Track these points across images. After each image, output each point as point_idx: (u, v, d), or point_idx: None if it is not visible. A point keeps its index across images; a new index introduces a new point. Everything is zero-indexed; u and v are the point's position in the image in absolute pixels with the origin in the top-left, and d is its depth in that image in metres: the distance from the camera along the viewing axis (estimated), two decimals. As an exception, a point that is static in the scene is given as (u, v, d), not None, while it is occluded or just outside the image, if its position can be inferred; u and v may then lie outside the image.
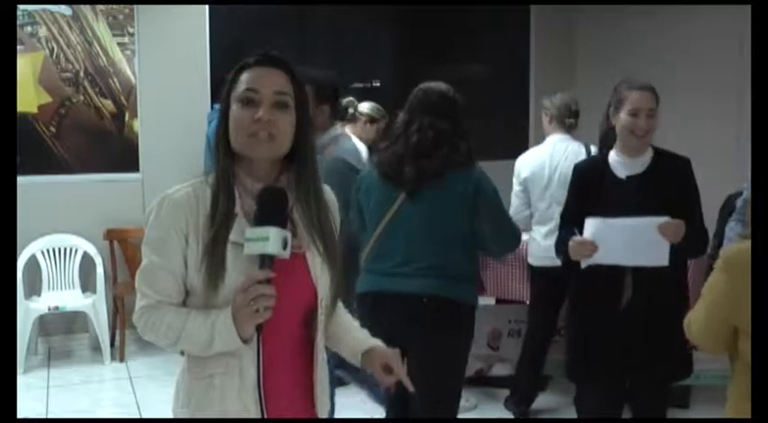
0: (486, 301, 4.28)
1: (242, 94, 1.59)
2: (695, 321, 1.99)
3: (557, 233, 3.16)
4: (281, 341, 1.62)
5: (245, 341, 1.54)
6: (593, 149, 3.77)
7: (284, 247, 1.52)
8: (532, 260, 4.00)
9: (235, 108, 1.60)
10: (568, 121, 3.98)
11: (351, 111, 4.51)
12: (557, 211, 3.58)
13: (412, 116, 2.83)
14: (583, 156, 3.81)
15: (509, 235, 2.83)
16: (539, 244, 3.93)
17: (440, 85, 2.94)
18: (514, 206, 3.98)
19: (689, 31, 5.29)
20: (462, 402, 4.10)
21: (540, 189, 3.90)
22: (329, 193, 1.77)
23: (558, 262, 3.30)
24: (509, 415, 4.12)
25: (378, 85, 6.18)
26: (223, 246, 1.56)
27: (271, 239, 1.50)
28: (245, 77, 1.61)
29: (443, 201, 2.72)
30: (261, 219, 1.54)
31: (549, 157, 3.90)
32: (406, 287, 2.71)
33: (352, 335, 1.81)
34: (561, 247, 2.84)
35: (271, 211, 1.55)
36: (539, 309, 4.07)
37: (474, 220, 2.71)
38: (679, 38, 5.37)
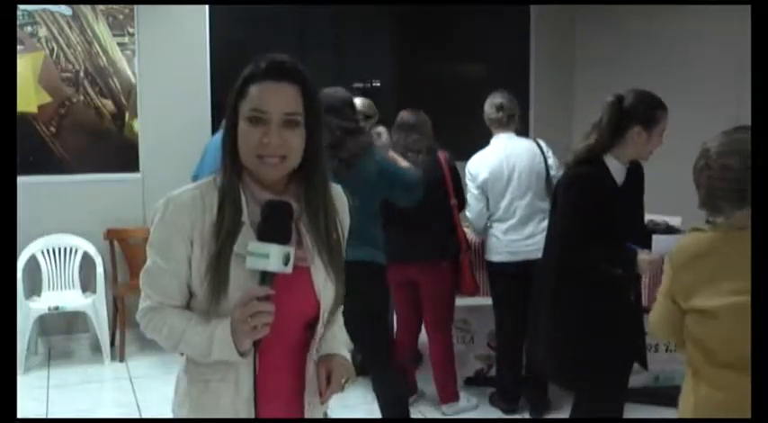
0: (485, 301, 4.28)
1: (249, 113, 1.54)
2: (653, 314, 2.15)
3: (521, 229, 3.88)
4: (280, 351, 1.62)
5: (242, 354, 1.53)
6: (543, 145, 4.05)
7: (286, 264, 1.49)
8: (494, 257, 4.03)
9: (243, 125, 1.55)
10: (496, 117, 4.07)
11: None
12: (518, 206, 3.91)
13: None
14: (537, 152, 4.00)
15: (415, 185, 3.45)
16: (499, 240, 3.99)
17: (340, 91, 3.42)
18: (476, 210, 4.04)
19: (689, 32, 5.29)
20: (464, 403, 4.16)
21: (501, 188, 3.97)
22: (340, 194, 1.74)
23: (518, 257, 3.83)
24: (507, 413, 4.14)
25: (378, 85, 6.19)
26: (227, 260, 1.54)
27: (271, 257, 1.48)
28: (253, 93, 1.54)
29: (358, 185, 3.07)
30: (263, 235, 1.51)
31: (506, 157, 3.98)
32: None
33: (327, 338, 1.75)
34: (620, 260, 2.80)
35: (274, 227, 1.52)
36: (505, 305, 4.10)
37: (381, 193, 3.37)
38: (679, 38, 5.37)
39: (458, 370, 4.24)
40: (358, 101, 4.55)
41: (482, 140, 4.24)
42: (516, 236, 3.95)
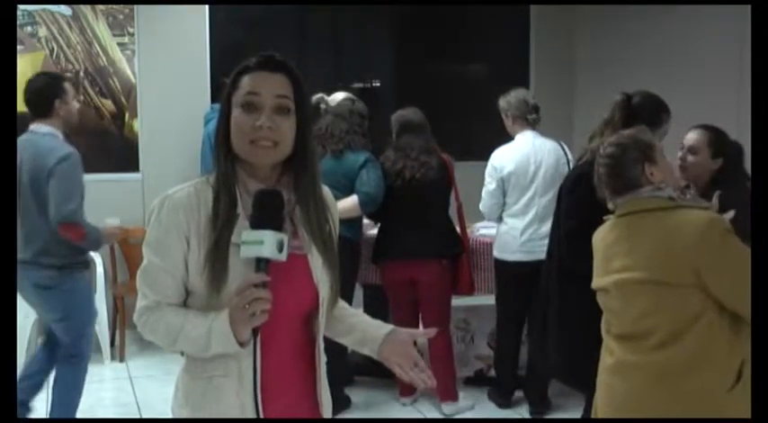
0: (485, 300, 4.28)
1: (243, 98, 1.58)
2: None
3: (538, 227, 3.89)
4: (282, 343, 1.62)
5: (241, 344, 1.53)
6: (566, 148, 4.08)
7: (280, 250, 1.51)
8: (507, 256, 4.02)
9: (236, 113, 1.58)
10: (531, 117, 4.07)
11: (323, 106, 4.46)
12: (539, 203, 3.94)
13: (326, 118, 4.03)
14: (562, 153, 4.02)
15: (373, 199, 3.91)
16: (515, 239, 3.99)
17: (350, 103, 4.10)
18: (488, 205, 4.07)
19: (689, 32, 5.29)
20: (462, 402, 4.16)
21: (525, 182, 3.98)
22: (329, 194, 1.77)
23: (532, 257, 3.80)
24: (507, 413, 4.14)
25: (378, 85, 6.19)
26: (225, 249, 1.55)
27: (265, 243, 1.49)
28: (246, 81, 1.59)
29: (340, 167, 3.92)
30: (256, 222, 1.53)
31: (533, 152, 3.99)
32: None
33: (362, 320, 1.78)
34: None
35: (266, 214, 1.53)
36: (510, 304, 4.10)
37: (356, 179, 3.92)
38: (679, 38, 5.37)
39: (458, 370, 4.24)
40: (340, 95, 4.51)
41: (483, 140, 4.25)
42: (533, 235, 3.95)
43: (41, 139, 3.58)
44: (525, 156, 3.98)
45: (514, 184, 3.98)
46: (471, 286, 4.13)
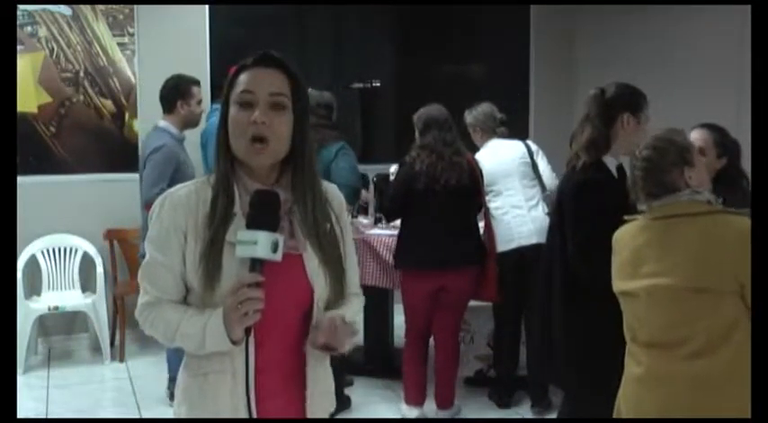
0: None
1: (239, 95, 1.60)
2: None
3: (514, 213, 4.07)
4: (277, 341, 1.63)
5: (234, 343, 1.54)
6: (531, 144, 4.35)
7: (275, 251, 1.52)
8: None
9: (233, 111, 1.60)
10: (500, 130, 4.31)
11: None
12: (505, 195, 4.15)
13: None
14: (522, 145, 4.28)
15: (352, 195, 3.86)
16: (496, 232, 4.07)
17: (318, 93, 4.03)
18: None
19: (689, 32, 5.29)
20: (455, 409, 4.15)
21: (496, 181, 4.16)
22: (336, 191, 1.77)
23: (512, 245, 3.99)
24: (507, 413, 4.14)
25: (378, 84, 6.18)
26: (220, 246, 1.57)
27: (260, 243, 1.50)
28: (242, 79, 1.61)
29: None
30: (252, 222, 1.54)
31: (500, 154, 4.23)
32: None
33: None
34: None
35: (262, 214, 1.54)
36: (504, 298, 4.07)
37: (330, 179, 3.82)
38: (679, 38, 5.37)
39: (458, 370, 4.23)
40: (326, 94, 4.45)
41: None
42: (508, 224, 4.08)
43: (155, 132, 4.09)
44: (493, 157, 4.19)
45: (488, 183, 4.12)
46: (498, 292, 3.97)
